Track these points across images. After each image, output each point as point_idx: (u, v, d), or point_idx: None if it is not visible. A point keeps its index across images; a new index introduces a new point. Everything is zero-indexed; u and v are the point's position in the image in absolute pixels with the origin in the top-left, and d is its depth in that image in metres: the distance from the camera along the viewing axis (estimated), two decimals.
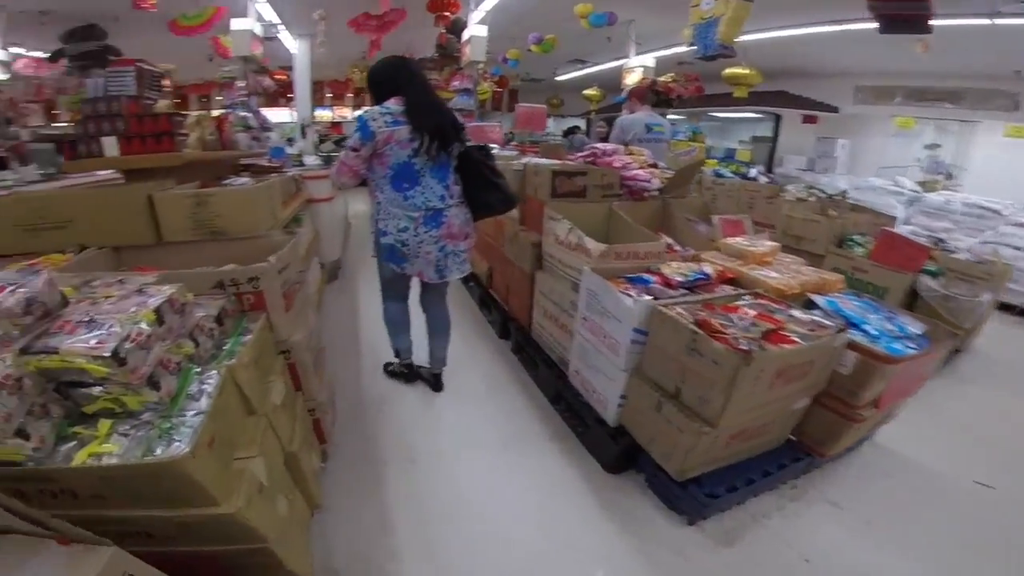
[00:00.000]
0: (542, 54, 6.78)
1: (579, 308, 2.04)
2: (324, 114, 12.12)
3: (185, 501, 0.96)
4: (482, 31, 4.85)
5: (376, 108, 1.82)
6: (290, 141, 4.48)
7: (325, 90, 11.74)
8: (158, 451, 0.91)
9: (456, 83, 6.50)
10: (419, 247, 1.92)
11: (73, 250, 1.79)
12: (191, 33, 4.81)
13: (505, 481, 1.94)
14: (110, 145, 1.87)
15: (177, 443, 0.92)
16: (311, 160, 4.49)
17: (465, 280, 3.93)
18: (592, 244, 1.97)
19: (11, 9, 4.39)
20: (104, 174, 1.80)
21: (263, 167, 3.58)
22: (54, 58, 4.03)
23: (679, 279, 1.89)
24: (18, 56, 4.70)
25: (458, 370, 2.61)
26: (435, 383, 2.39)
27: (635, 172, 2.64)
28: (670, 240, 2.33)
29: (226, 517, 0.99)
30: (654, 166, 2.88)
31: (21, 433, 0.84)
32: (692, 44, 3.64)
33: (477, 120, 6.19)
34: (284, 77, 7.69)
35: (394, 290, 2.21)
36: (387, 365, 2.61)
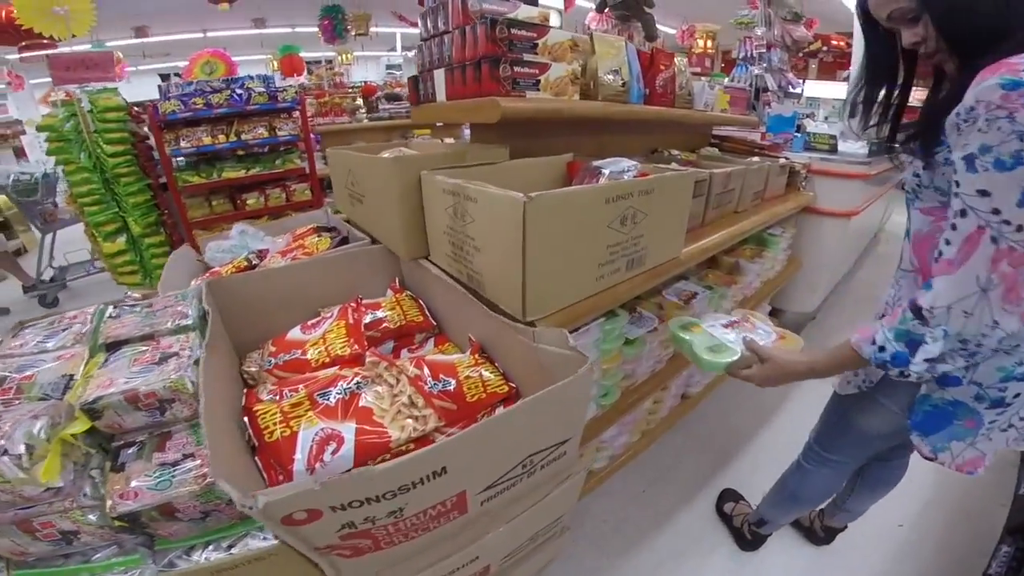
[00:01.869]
0: None
1: None
2: None
3: None
4: None
5: None
6: (808, 117, 2.78)
7: None
8: None
9: None
10: None
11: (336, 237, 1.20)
12: None
13: None
14: (440, 82, 1.10)
15: None
16: (854, 147, 2.66)
17: None
18: None
19: None
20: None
21: (746, 145, 2.25)
22: (600, 9, 4.02)
23: None
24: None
25: None
26: (826, 536, 1.44)
27: None
28: None
29: None
30: None
31: None
32: None
33: None
34: (841, 44, 5.95)
35: (851, 451, 1.11)
36: (726, 501, 1.59)
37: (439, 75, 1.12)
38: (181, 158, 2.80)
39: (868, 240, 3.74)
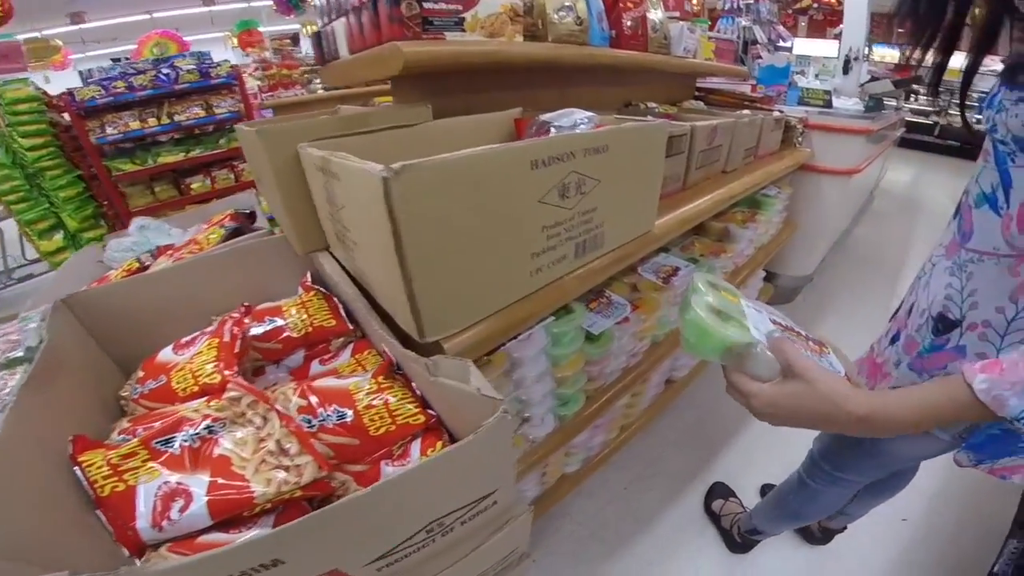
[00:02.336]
0: None
1: None
2: (885, 52, 8.49)
3: None
4: None
5: None
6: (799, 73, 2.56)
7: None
8: None
9: None
10: None
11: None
12: None
13: None
14: (340, 34, 0.87)
15: None
16: (847, 104, 2.45)
17: None
18: None
19: None
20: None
21: (735, 97, 2.04)
22: None
23: None
24: None
25: None
26: (823, 537, 1.32)
27: None
28: None
29: None
30: None
31: None
32: None
33: None
34: (832, 1, 6.19)
35: (870, 472, 0.93)
36: (715, 498, 1.44)
37: (339, 26, 0.89)
38: (113, 145, 2.54)
39: (865, 198, 3.55)
